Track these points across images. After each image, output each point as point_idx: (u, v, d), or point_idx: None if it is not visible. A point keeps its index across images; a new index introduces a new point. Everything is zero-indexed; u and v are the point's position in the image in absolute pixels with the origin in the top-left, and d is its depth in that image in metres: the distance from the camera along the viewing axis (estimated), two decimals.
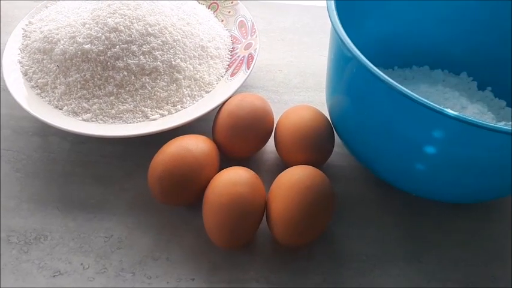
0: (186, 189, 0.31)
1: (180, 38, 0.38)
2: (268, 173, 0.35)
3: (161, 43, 0.37)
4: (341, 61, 0.30)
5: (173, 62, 0.37)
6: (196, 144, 0.32)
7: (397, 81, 0.40)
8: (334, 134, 0.34)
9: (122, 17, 0.36)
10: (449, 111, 0.22)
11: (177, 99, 0.37)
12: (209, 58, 0.39)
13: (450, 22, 0.39)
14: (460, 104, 0.35)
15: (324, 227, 0.30)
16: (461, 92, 0.37)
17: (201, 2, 0.46)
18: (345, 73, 0.30)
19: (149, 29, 0.37)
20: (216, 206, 0.29)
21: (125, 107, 0.35)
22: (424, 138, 0.25)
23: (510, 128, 0.22)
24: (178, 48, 0.37)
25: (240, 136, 0.34)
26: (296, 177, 0.30)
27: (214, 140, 0.34)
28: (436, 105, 0.23)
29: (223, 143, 0.34)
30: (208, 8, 0.46)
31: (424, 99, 0.23)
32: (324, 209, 0.30)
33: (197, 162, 0.31)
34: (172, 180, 0.30)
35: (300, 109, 0.35)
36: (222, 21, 0.44)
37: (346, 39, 0.27)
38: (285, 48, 0.47)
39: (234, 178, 0.30)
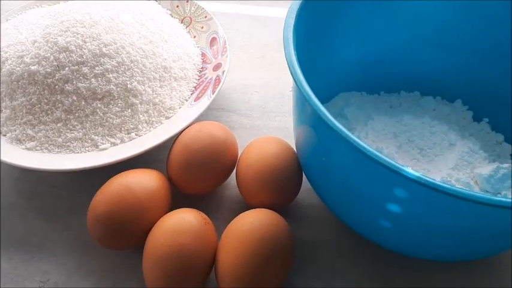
0: (126, 234, 0.27)
1: (138, 58, 0.34)
2: (229, 212, 0.32)
3: (116, 64, 0.33)
4: (299, 99, 0.26)
5: (129, 85, 0.33)
6: (141, 182, 0.29)
7: (382, 109, 0.36)
8: (302, 174, 0.30)
9: (75, 36, 0.33)
10: (409, 170, 0.18)
11: (131, 126, 0.33)
12: (172, 80, 0.36)
13: (445, 47, 0.34)
14: (448, 139, 0.31)
15: (280, 284, 0.26)
16: (451, 124, 0.33)
17: (174, 15, 0.43)
18: (302, 113, 0.26)
19: (103, 49, 0.33)
20: (154, 257, 0.25)
21: (73, 134, 0.32)
22: (386, 196, 0.21)
23: (480, 195, 0.17)
24: (135, 69, 0.34)
25: (195, 172, 0.30)
26: (247, 226, 0.26)
27: (168, 174, 0.31)
28: (395, 164, 0.18)
29: (176, 179, 0.30)
30: (181, 22, 0.42)
31: (381, 157, 0.19)
32: (279, 264, 0.26)
33: (139, 204, 0.28)
34: (111, 224, 0.27)
35: (265, 142, 0.31)
36: (195, 37, 0.41)
37: (298, 75, 0.23)
38: (264, 66, 0.43)
39: (178, 226, 0.26)
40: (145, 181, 0.29)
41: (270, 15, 0.49)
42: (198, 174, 0.30)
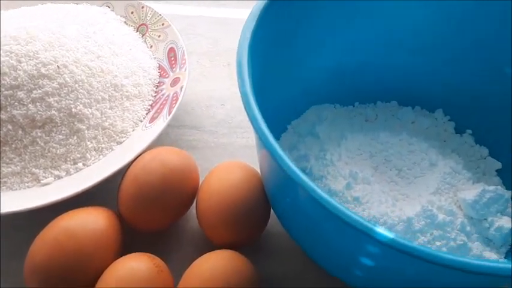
0: (68, 287, 0.24)
1: (84, 77, 0.31)
2: (191, 250, 0.29)
3: (58, 86, 0.29)
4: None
5: (73, 110, 0.30)
6: (85, 225, 0.25)
7: (357, 124, 0.33)
8: (269, 207, 0.27)
9: (7, 55, 0.29)
10: (381, 231, 0.15)
11: (78, 155, 0.30)
12: (124, 99, 0.32)
13: (424, 53, 0.31)
14: (429, 159, 0.28)
15: None
16: (432, 141, 0.30)
17: (129, 23, 0.39)
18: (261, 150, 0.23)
19: (42, 69, 0.29)
20: None
21: (10, 169, 0.28)
22: (357, 250, 0.18)
23: (466, 261, 0.15)
24: (81, 91, 0.30)
25: (148, 208, 0.27)
26: (208, 274, 0.23)
27: (119, 211, 0.28)
28: (365, 223, 0.15)
29: (127, 217, 0.27)
30: (137, 31, 0.38)
31: (351, 215, 0.16)
32: None
33: (82, 251, 0.24)
34: (50, 275, 0.24)
35: (228, 168, 0.28)
36: (151, 47, 0.37)
37: (255, 114, 0.20)
38: (231, 75, 0.40)
39: (126, 277, 0.23)
40: (90, 223, 0.26)
41: (236, 17, 0.45)
42: (152, 210, 0.27)
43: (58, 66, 0.30)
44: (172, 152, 0.29)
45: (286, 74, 0.30)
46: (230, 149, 0.34)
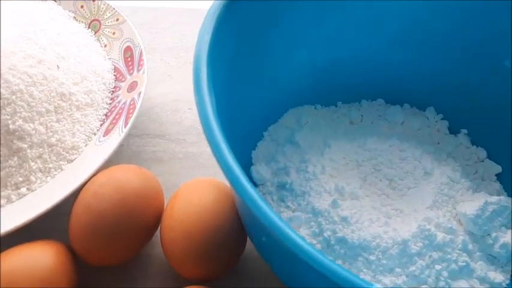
0: None
1: (22, 87, 0.26)
2: (158, 283, 0.25)
3: None
4: None
5: (11, 126, 0.25)
6: (31, 265, 0.21)
7: (340, 127, 0.29)
8: (244, 232, 0.23)
9: None
10: None
11: (20, 178, 0.25)
12: (74, 109, 0.28)
13: (412, 46, 0.28)
14: (423, 167, 0.25)
15: None
16: (425, 145, 0.26)
17: (79, 19, 0.34)
18: None
19: None
20: None
21: None
22: None
23: None
24: (19, 103, 0.26)
25: (103, 241, 0.23)
26: None
27: (70, 244, 0.24)
28: (358, 282, 0.12)
29: (80, 251, 0.23)
30: (88, 28, 0.34)
31: (338, 271, 0.12)
32: None
33: None
34: None
35: (196, 189, 0.24)
36: (105, 46, 0.33)
37: (222, 151, 0.16)
38: None
39: None
40: (36, 262, 0.22)
41: (203, 7, 0.40)
42: (108, 243, 0.23)
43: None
44: (130, 172, 0.25)
45: (258, 75, 0.26)
46: (200, 160, 0.30)
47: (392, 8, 0.27)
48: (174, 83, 0.35)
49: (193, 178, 0.29)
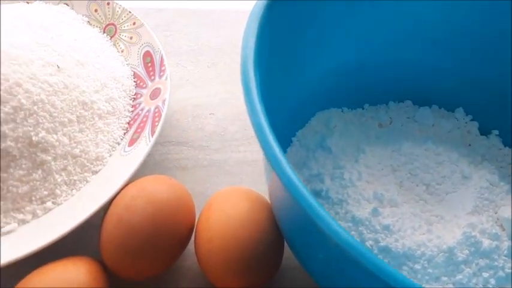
0: None
1: (44, 96, 0.25)
2: None
3: (12, 111, 0.24)
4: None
5: (34, 138, 0.24)
6: (64, 283, 0.20)
7: (371, 132, 0.29)
8: (283, 240, 0.23)
9: None
10: None
11: (45, 192, 0.24)
12: (96, 119, 0.27)
13: (438, 43, 0.28)
14: (461, 171, 0.24)
15: None
16: (459, 148, 0.26)
17: (93, 23, 0.33)
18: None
19: None
20: None
21: None
22: None
23: None
24: (41, 113, 0.25)
25: (137, 255, 0.22)
26: None
27: (102, 259, 0.23)
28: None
29: (112, 266, 0.22)
30: (103, 32, 0.32)
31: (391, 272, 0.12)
32: None
33: None
34: None
35: (230, 199, 0.23)
36: (122, 51, 0.32)
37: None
38: (217, 78, 0.35)
39: None
40: (70, 280, 0.21)
41: (218, 8, 0.40)
42: (142, 257, 0.22)
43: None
44: (161, 182, 0.24)
45: (289, 80, 0.25)
46: (225, 166, 0.30)
47: (423, 6, 0.27)
48: (192, 88, 0.34)
49: (220, 186, 0.28)
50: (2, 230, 0.23)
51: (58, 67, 0.26)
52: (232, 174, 0.29)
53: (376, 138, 0.27)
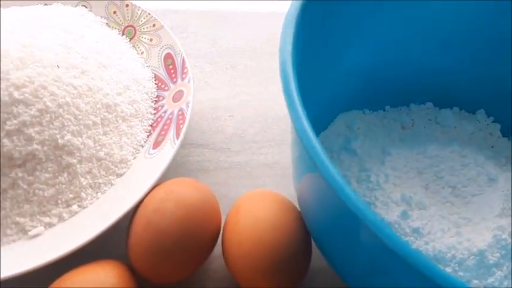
0: None
1: (69, 99, 0.25)
2: None
3: (37, 113, 0.24)
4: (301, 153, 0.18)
5: (60, 141, 0.24)
6: (93, 286, 0.20)
7: (394, 133, 0.29)
8: (311, 242, 0.23)
9: None
10: None
11: (71, 195, 0.24)
12: (120, 121, 0.27)
13: (461, 45, 0.28)
14: (487, 173, 0.24)
15: None
16: (483, 150, 0.26)
17: (112, 25, 0.33)
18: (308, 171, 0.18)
19: (15, 94, 0.24)
20: None
21: None
22: None
23: None
24: (66, 116, 0.25)
25: (166, 259, 0.22)
26: None
27: (131, 262, 0.23)
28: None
29: (142, 270, 0.22)
30: (122, 34, 0.32)
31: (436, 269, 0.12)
32: None
33: None
34: None
35: (258, 202, 0.23)
36: (142, 53, 0.31)
37: (306, 128, 0.15)
38: (236, 80, 0.35)
39: None
40: (100, 283, 0.21)
41: (233, 8, 0.39)
42: (171, 261, 0.22)
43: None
44: (188, 185, 0.24)
45: (313, 82, 0.25)
46: (247, 169, 0.30)
47: (445, 6, 0.27)
48: (211, 90, 0.34)
49: (242, 188, 0.28)
50: (30, 233, 0.23)
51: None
52: (254, 177, 0.29)
53: (400, 140, 0.27)
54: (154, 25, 0.31)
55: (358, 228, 0.15)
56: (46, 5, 0.33)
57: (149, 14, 0.32)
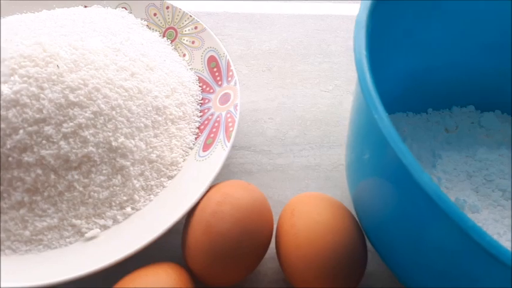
0: None
1: (121, 101, 0.25)
2: None
3: (92, 116, 0.24)
4: (376, 148, 0.18)
5: (114, 143, 0.24)
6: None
7: (439, 135, 0.29)
8: (366, 244, 0.23)
9: (25, 81, 0.23)
10: None
11: (124, 197, 0.25)
12: (169, 123, 0.27)
13: (504, 48, 0.28)
14: None
15: None
16: None
17: (152, 27, 0.33)
18: (379, 166, 0.18)
19: (70, 96, 0.24)
20: None
21: (45, 223, 0.23)
22: None
23: None
24: (119, 119, 0.25)
25: (226, 262, 0.22)
26: None
27: (188, 265, 0.23)
28: None
29: (200, 273, 0.22)
30: (163, 36, 0.33)
31: None
32: None
33: None
34: None
35: (311, 204, 0.24)
36: (184, 55, 0.32)
37: (386, 123, 0.16)
38: (273, 82, 0.35)
39: None
40: (161, 285, 0.21)
41: (267, 12, 0.40)
42: (229, 264, 0.22)
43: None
44: (241, 188, 0.24)
45: None
46: (290, 171, 0.30)
47: (490, 10, 0.27)
48: (250, 93, 0.34)
49: (286, 191, 0.29)
50: (86, 235, 0.23)
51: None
52: (297, 179, 0.29)
53: (447, 143, 0.27)
54: (196, 27, 0.32)
55: (443, 224, 0.15)
56: (85, 6, 0.33)
57: (191, 16, 0.32)
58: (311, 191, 0.29)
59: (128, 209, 0.25)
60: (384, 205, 0.19)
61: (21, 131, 0.23)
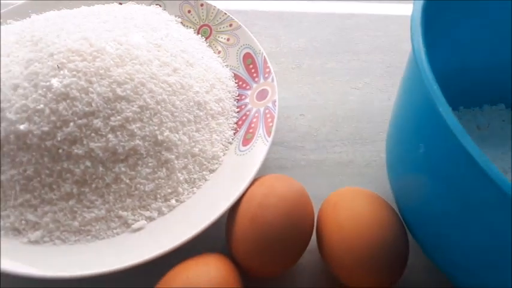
0: None
1: (165, 96, 0.26)
2: None
3: (138, 110, 0.24)
4: (436, 141, 0.19)
5: (159, 137, 0.25)
6: (209, 279, 0.21)
7: (472, 133, 0.30)
8: (407, 238, 0.24)
9: (74, 74, 0.24)
10: None
11: (169, 190, 0.25)
12: (210, 118, 0.28)
13: None
14: None
15: None
16: None
17: (187, 24, 0.33)
18: (438, 159, 0.19)
19: (118, 90, 0.24)
20: None
21: (93, 214, 0.23)
22: None
23: None
24: (164, 113, 0.25)
25: (272, 253, 0.22)
26: None
27: (234, 256, 0.23)
28: None
29: (247, 264, 0.23)
30: (197, 33, 0.33)
31: None
32: None
33: None
34: None
35: (352, 199, 0.24)
36: (219, 52, 0.32)
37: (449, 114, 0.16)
38: (303, 80, 0.35)
39: None
40: (214, 275, 0.21)
41: (295, 10, 0.40)
42: (274, 255, 0.23)
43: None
44: (283, 181, 0.25)
45: None
46: (323, 167, 0.30)
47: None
48: (281, 90, 0.34)
49: (322, 186, 0.29)
50: (133, 226, 0.24)
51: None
52: (331, 175, 0.30)
53: (481, 140, 0.27)
54: (231, 25, 0.32)
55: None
56: (121, 3, 0.33)
57: (225, 13, 0.32)
58: (346, 186, 0.29)
59: (173, 201, 0.25)
60: (441, 199, 0.20)
61: (71, 124, 0.23)
